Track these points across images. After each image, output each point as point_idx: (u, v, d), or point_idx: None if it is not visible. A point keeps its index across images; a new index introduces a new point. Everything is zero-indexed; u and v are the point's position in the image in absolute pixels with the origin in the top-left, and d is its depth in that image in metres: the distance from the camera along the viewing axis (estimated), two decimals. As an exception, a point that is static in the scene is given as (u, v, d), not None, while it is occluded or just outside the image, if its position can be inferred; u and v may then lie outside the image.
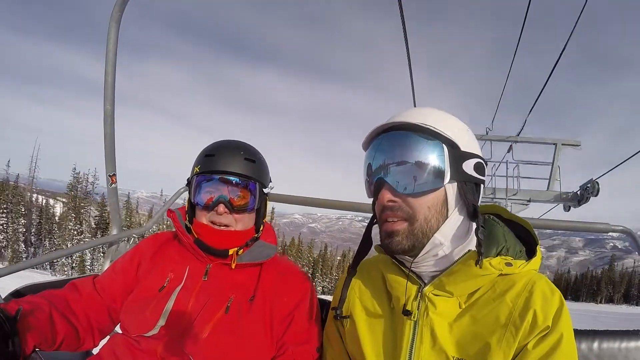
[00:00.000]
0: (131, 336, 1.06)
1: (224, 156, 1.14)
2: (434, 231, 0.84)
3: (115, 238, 1.88)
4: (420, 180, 0.82)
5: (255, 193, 1.18)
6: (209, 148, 1.18)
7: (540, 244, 0.92)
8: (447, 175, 0.82)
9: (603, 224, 1.63)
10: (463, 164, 0.84)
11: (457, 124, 0.88)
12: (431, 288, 0.86)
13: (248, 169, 1.16)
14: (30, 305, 0.95)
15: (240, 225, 1.17)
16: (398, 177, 0.84)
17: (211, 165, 1.14)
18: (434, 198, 0.83)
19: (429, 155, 0.82)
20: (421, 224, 0.83)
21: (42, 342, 0.94)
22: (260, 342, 1.08)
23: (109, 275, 1.19)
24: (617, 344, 1.12)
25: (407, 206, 0.84)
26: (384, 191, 0.85)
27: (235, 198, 1.14)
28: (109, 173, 1.82)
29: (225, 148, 1.17)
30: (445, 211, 0.85)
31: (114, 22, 1.59)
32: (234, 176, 1.14)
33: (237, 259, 1.14)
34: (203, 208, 1.14)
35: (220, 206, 1.12)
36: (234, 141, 1.21)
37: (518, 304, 0.80)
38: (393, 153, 0.85)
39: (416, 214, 0.83)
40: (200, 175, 1.15)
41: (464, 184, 0.85)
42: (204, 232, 1.14)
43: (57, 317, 1.00)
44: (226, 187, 1.14)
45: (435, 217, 0.84)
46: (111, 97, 1.67)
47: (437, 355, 0.83)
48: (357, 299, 1.00)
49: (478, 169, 0.85)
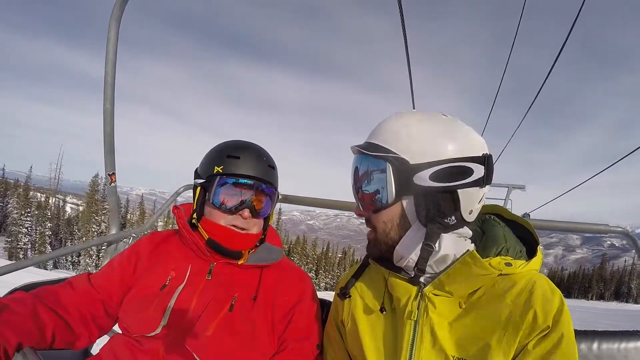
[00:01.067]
0: (132, 336, 1.05)
1: (250, 160, 1.13)
2: (395, 243, 0.89)
3: (114, 237, 1.88)
4: (370, 199, 0.90)
5: (273, 200, 1.19)
6: (231, 149, 1.15)
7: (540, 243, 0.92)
8: (392, 192, 0.84)
9: (602, 225, 1.63)
10: (414, 177, 0.83)
11: (412, 133, 0.85)
12: (431, 288, 0.87)
13: (270, 175, 1.16)
14: (8, 300, 0.93)
15: (255, 228, 1.17)
16: (357, 196, 0.94)
17: (237, 168, 1.11)
18: (389, 213, 0.88)
19: (374, 175, 0.88)
20: (381, 235, 0.91)
21: (28, 337, 0.91)
22: (263, 340, 1.08)
23: (105, 271, 1.18)
24: (617, 345, 1.13)
25: (370, 220, 0.93)
26: (357, 206, 0.96)
27: (259, 203, 1.15)
28: (108, 172, 1.81)
29: (250, 152, 1.15)
30: (407, 224, 0.87)
31: (114, 21, 1.58)
32: (260, 182, 1.13)
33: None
34: (223, 209, 1.12)
35: (246, 211, 1.11)
36: (255, 145, 1.19)
37: (518, 304, 0.80)
38: (353, 174, 0.94)
39: (376, 227, 0.91)
40: (226, 176, 1.12)
41: (421, 196, 0.83)
42: (221, 233, 1.12)
43: (42, 310, 0.98)
44: (251, 191, 1.13)
45: (394, 230, 0.88)
46: (111, 96, 1.67)
47: (437, 355, 0.83)
48: (359, 299, 1.01)
49: (438, 177, 0.81)
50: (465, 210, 0.84)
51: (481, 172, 0.82)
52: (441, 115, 0.88)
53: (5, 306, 0.91)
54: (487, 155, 0.84)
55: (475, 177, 0.82)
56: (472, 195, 0.84)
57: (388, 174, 0.84)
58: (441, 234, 0.84)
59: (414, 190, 0.83)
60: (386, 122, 0.90)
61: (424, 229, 0.84)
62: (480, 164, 0.82)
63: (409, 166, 0.83)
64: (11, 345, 0.86)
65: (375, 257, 0.97)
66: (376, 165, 0.87)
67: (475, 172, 0.82)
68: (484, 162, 0.83)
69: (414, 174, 0.83)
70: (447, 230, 0.84)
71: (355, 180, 0.93)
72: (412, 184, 0.83)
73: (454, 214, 0.83)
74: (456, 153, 0.82)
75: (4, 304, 0.90)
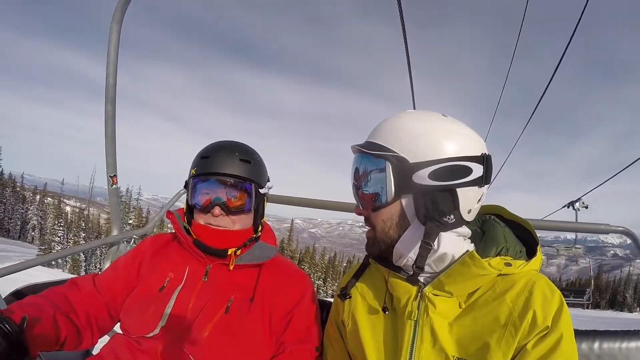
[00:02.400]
0: (132, 337, 1.06)
1: (219, 157, 1.14)
2: (394, 241, 0.89)
3: (115, 239, 1.88)
4: (370, 198, 0.90)
5: (251, 194, 1.17)
6: (205, 150, 1.18)
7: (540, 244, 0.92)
8: (391, 191, 0.85)
9: (603, 225, 1.64)
10: (413, 176, 0.83)
11: (412, 132, 0.85)
12: (431, 288, 0.87)
13: (243, 169, 1.15)
14: (34, 309, 0.95)
15: (238, 225, 1.17)
16: (357, 195, 0.95)
17: (206, 167, 1.13)
18: (388, 212, 0.88)
19: (373, 174, 0.89)
20: (381, 235, 0.91)
21: (47, 345, 0.94)
22: (259, 342, 1.08)
23: (109, 273, 1.19)
24: (618, 344, 1.12)
25: (369, 219, 0.93)
26: (356, 205, 0.97)
27: (231, 199, 1.15)
28: (110, 174, 1.82)
29: (220, 149, 1.17)
30: (406, 222, 0.87)
31: (116, 23, 1.60)
32: (228, 177, 1.14)
33: (236, 259, 1.15)
34: (200, 210, 1.15)
35: (216, 208, 1.12)
36: (229, 142, 1.21)
37: (518, 304, 0.80)
38: (353, 173, 0.95)
39: (375, 226, 0.91)
40: (196, 177, 1.15)
41: (420, 195, 0.84)
42: (202, 233, 1.15)
43: (60, 318, 1.00)
44: (222, 188, 1.14)
45: (393, 229, 0.89)
46: (112, 98, 1.68)
47: (438, 355, 0.83)
48: (359, 299, 1.01)
49: (437, 176, 0.82)
50: (464, 210, 0.84)
51: (480, 172, 0.83)
52: (441, 115, 0.89)
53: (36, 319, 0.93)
54: (486, 155, 0.85)
55: (474, 177, 0.83)
56: (471, 195, 0.84)
57: (388, 172, 0.84)
58: (440, 232, 0.84)
59: (413, 189, 0.84)
60: (386, 121, 0.91)
61: (423, 227, 0.84)
62: (480, 163, 0.83)
63: (409, 165, 0.83)
64: (34, 356, 0.89)
65: (374, 255, 0.97)
66: (376, 164, 0.87)
67: (474, 172, 0.83)
68: (483, 161, 0.84)
69: (413, 172, 0.83)
70: (446, 229, 0.84)
71: (356, 179, 0.94)
72: (412, 183, 0.84)
73: (452, 212, 0.83)
74: (455, 152, 0.83)
75: (33, 317, 0.91)
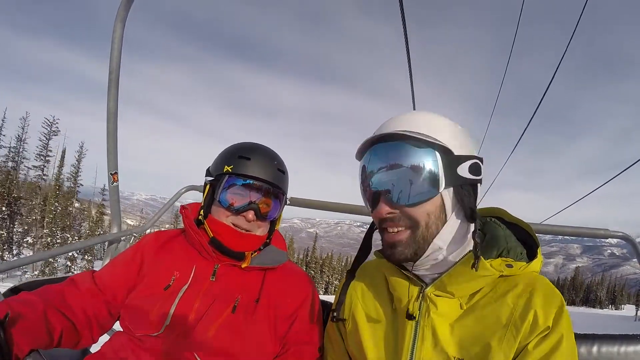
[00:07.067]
0: (135, 335, 1.05)
1: (260, 162, 1.13)
2: (434, 236, 0.84)
3: (115, 236, 1.88)
4: (416, 190, 0.82)
5: (280, 203, 1.19)
6: (243, 149, 1.16)
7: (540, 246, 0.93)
8: (442, 182, 0.82)
9: (603, 230, 1.65)
10: (458, 168, 0.83)
11: (449, 126, 0.87)
12: (433, 289, 0.87)
13: (279, 179, 1.15)
14: (21, 305, 0.93)
15: (260, 231, 1.17)
16: (394, 189, 0.84)
17: (246, 168, 1.11)
18: (432, 205, 0.83)
19: (422, 165, 0.81)
20: (423, 231, 0.84)
21: (38, 342, 0.91)
22: (264, 342, 1.08)
23: (109, 269, 1.17)
24: (616, 348, 1.13)
25: (406, 216, 0.84)
26: (381, 204, 0.85)
27: (264, 206, 1.14)
28: (111, 171, 1.82)
29: (261, 154, 1.15)
30: (444, 216, 0.85)
31: (119, 22, 1.60)
32: (269, 185, 1.13)
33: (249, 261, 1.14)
34: (228, 209, 1.12)
35: (251, 213, 1.11)
36: (267, 148, 1.19)
37: (519, 305, 0.81)
38: (387, 164, 0.84)
39: (418, 222, 0.83)
40: (233, 176, 1.12)
41: (459, 187, 0.84)
42: (224, 232, 1.13)
43: (51, 313, 0.98)
44: (258, 194, 1.13)
45: (434, 222, 0.84)
46: (115, 95, 1.68)
47: (438, 356, 0.83)
48: (359, 301, 1.01)
49: (473, 170, 0.84)
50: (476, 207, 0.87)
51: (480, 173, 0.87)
52: None
53: (20, 315, 0.90)
54: None
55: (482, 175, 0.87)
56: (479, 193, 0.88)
57: (438, 162, 0.82)
58: None
59: (457, 181, 0.84)
60: (415, 114, 0.89)
61: (458, 220, 0.85)
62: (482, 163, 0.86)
63: (454, 156, 0.83)
64: (23, 353, 0.87)
65: (404, 260, 0.87)
66: (423, 154, 0.82)
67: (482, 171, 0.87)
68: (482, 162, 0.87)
69: (457, 165, 0.83)
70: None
71: (389, 171, 0.85)
72: (456, 175, 0.83)
73: (474, 207, 0.85)
74: (474, 149, 0.88)
75: (17, 313, 0.89)
